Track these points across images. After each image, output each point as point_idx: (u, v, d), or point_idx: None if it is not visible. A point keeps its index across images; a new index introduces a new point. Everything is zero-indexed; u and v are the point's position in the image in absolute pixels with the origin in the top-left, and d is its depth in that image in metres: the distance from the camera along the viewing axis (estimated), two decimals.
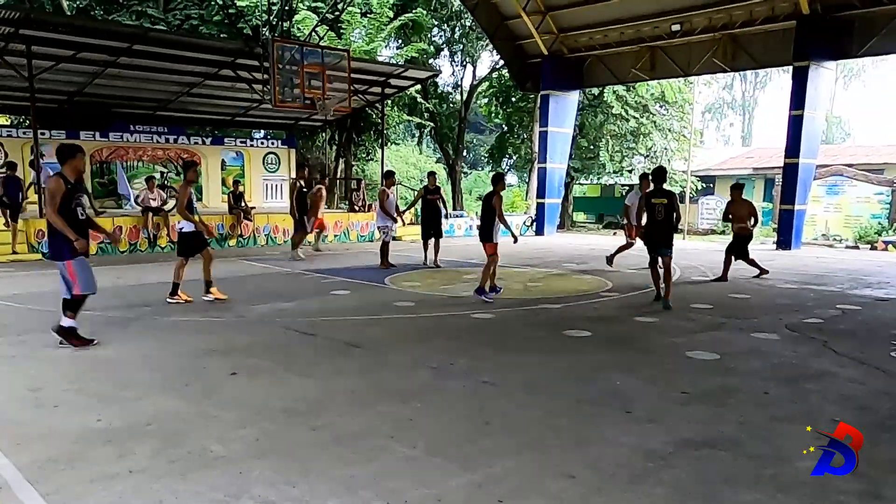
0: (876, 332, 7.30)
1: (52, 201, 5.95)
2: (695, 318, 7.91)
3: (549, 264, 13.10)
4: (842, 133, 50.85)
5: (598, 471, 3.59)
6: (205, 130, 23.97)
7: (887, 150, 25.22)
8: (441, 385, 5.21)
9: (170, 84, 17.91)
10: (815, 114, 17.06)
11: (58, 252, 6.12)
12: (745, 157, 30.16)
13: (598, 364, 5.90)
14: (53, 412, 4.46)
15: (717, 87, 54.77)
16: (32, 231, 13.25)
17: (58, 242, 6.08)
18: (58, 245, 6.10)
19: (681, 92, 25.03)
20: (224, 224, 16.24)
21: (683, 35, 18.95)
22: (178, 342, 6.50)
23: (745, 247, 11.34)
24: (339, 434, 4.10)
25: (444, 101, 33.31)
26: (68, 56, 14.31)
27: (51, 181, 6.13)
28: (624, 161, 25.87)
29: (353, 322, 7.57)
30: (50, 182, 6.12)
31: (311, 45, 15.98)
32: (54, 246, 6.16)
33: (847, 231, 19.82)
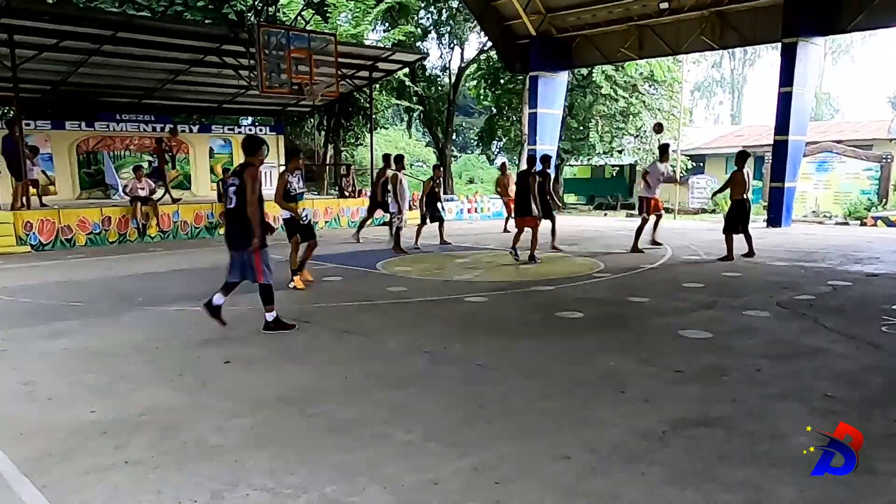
0: (866, 307, 7.35)
1: (255, 191, 6.12)
2: (687, 298, 7.95)
3: (540, 246, 13.09)
4: (830, 110, 50.92)
5: (594, 452, 3.61)
6: (192, 118, 23.75)
7: (876, 126, 25.25)
8: (436, 370, 5.22)
9: (155, 72, 17.71)
10: (803, 90, 17.07)
11: (247, 241, 6.22)
12: (734, 136, 30.14)
13: (591, 345, 5.92)
14: (47, 405, 4.44)
15: (706, 65, 54.64)
16: (20, 223, 13.14)
17: (248, 232, 6.18)
18: (248, 235, 6.19)
19: (670, 71, 24.97)
20: (213, 212, 16.15)
21: (671, 13, 18.88)
22: (170, 333, 6.48)
23: (746, 217, 11.13)
24: (334, 421, 4.11)
25: (433, 84, 33.13)
26: (52, 45, 14.11)
27: (252, 171, 6.22)
28: (614, 142, 25.84)
29: (346, 308, 7.56)
30: (252, 172, 6.21)
31: (298, 30, 15.85)
32: (243, 235, 6.24)
33: (837, 207, 19.93)
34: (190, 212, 15.87)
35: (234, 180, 6.29)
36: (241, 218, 6.19)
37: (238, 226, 6.28)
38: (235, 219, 6.30)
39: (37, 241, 13.28)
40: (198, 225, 15.86)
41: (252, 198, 6.14)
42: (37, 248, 13.19)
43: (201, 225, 15.91)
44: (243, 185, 6.17)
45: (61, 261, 11.74)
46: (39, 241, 13.31)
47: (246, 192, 6.14)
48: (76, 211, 14.19)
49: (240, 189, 6.20)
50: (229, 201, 6.32)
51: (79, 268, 10.90)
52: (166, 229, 15.26)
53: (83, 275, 10.13)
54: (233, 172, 6.51)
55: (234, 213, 6.29)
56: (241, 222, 6.22)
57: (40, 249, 13.20)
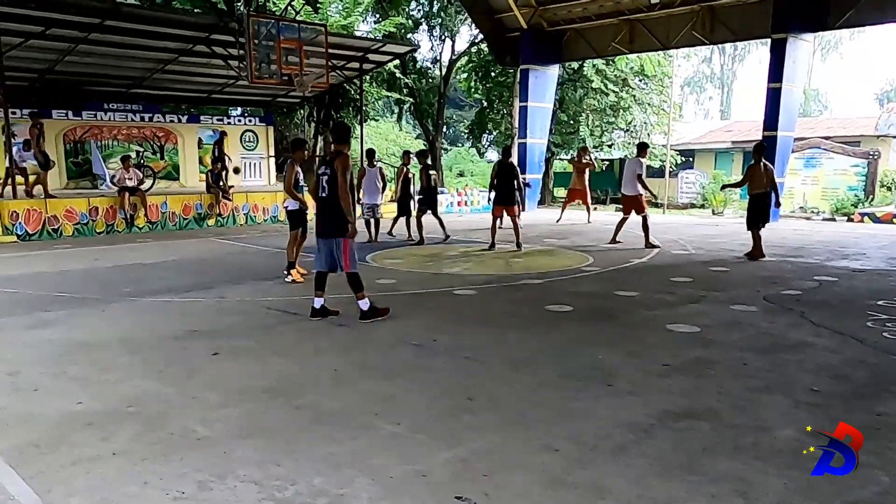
0: (852, 302, 7.42)
1: (346, 179, 6.16)
2: (675, 292, 7.99)
3: (530, 240, 13.11)
4: (819, 106, 51.20)
5: (581, 444, 3.63)
6: (181, 108, 23.56)
7: (863, 123, 25.45)
8: (424, 362, 5.22)
9: (143, 61, 17.53)
10: (792, 86, 17.16)
11: (337, 230, 6.29)
12: (724, 131, 30.29)
13: (579, 338, 5.95)
14: (32, 396, 4.41)
15: (696, 60, 54.97)
16: (6, 213, 13.01)
17: (338, 221, 6.26)
18: (338, 223, 6.27)
19: (660, 65, 24.99)
20: (202, 203, 16.06)
21: (662, 8, 18.90)
22: (157, 324, 6.44)
23: (767, 209, 10.63)
24: (322, 413, 4.11)
25: (424, 76, 33.00)
26: (38, 32, 13.94)
27: (343, 160, 6.23)
28: (604, 136, 25.87)
29: (335, 300, 7.53)
30: (343, 161, 6.22)
31: (288, 20, 15.75)
32: (333, 224, 6.29)
33: (824, 203, 20.05)
34: (178, 203, 15.76)
35: (326, 169, 6.30)
36: (333, 207, 6.23)
37: (328, 215, 6.32)
38: (327, 208, 6.32)
39: (23, 231, 13.15)
40: (186, 216, 15.76)
41: (344, 186, 6.19)
42: (23, 239, 13.06)
43: (190, 216, 15.81)
44: (335, 173, 6.19)
45: (48, 251, 11.65)
46: (26, 231, 13.18)
47: (338, 181, 6.17)
48: (63, 201, 14.05)
49: (332, 178, 6.21)
50: (321, 189, 6.33)
51: (65, 258, 10.81)
52: (154, 220, 15.16)
53: (70, 265, 10.06)
54: (322, 161, 6.51)
55: (326, 202, 6.31)
56: (331, 211, 6.27)
57: (26, 239, 13.08)
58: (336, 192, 6.19)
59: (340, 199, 6.20)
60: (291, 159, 8.77)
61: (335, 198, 6.22)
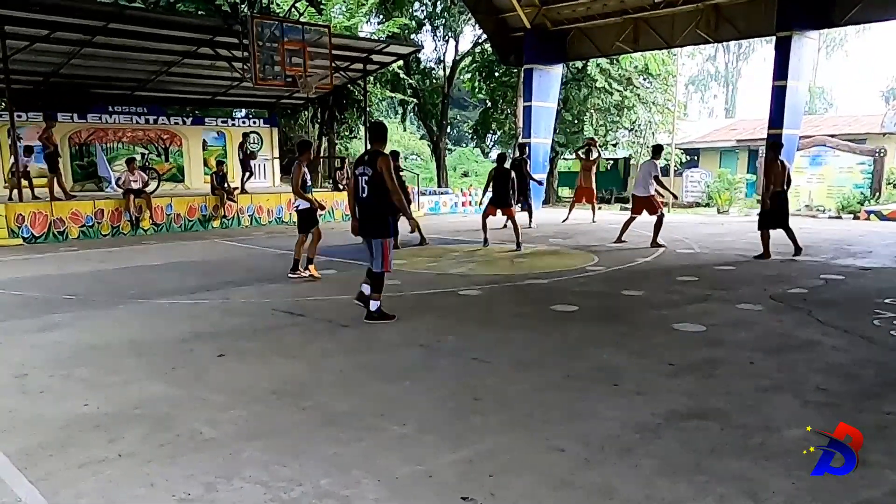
0: (859, 300, 7.38)
1: (393, 178, 6.20)
2: (681, 291, 7.96)
3: (534, 240, 13.10)
4: (824, 103, 51.02)
5: (588, 444, 3.62)
6: (185, 110, 23.62)
7: (869, 120, 25.34)
8: (430, 363, 5.21)
9: (148, 63, 17.57)
10: (797, 84, 17.08)
11: (384, 230, 6.35)
12: (728, 129, 30.20)
13: (585, 338, 5.93)
14: (40, 398, 4.42)
15: (701, 58, 54.79)
16: (12, 216, 13.05)
17: (385, 220, 6.32)
18: (385, 223, 6.36)
19: (664, 64, 24.94)
20: (207, 205, 16.09)
21: (666, 6, 18.83)
22: (163, 326, 6.45)
23: (786, 211, 10.33)
24: (328, 414, 4.10)
25: (427, 76, 33.03)
26: (43, 36, 13.97)
27: (386, 159, 6.26)
28: (608, 135, 25.83)
29: (340, 301, 7.53)
30: (386, 160, 6.26)
31: (291, 22, 15.77)
32: (381, 223, 6.33)
33: (830, 201, 19.95)
34: (183, 204, 15.80)
35: (365, 169, 6.28)
36: (373, 207, 6.27)
37: (369, 215, 6.34)
38: (367, 208, 6.34)
39: (29, 233, 13.20)
40: (191, 218, 15.81)
41: (394, 185, 6.22)
42: (29, 241, 13.11)
43: (195, 218, 15.86)
44: (378, 174, 6.17)
45: (53, 254, 11.69)
46: (32, 234, 13.24)
47: (384, 181, 6.18)
48: (68, 203, 14.10)
49: (373, 178, 6.21)
50: (361, 191, 6.33)
51: (71, 261, 10.85)
52: (159, 222, 15.20)
53: (76, 268, 10.09)
54: (360, 161, 6.47)
55: (366, 203, 6.32)
56: (372, 211, 6.30)
57: (32, 242, 13.13)
58: (376, 192, 6.21)
59: (393, 197, 6.25)
60: (298, 160, 8.82)
61: (375, 198, 6.24)
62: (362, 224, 6.45)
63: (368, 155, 6.39)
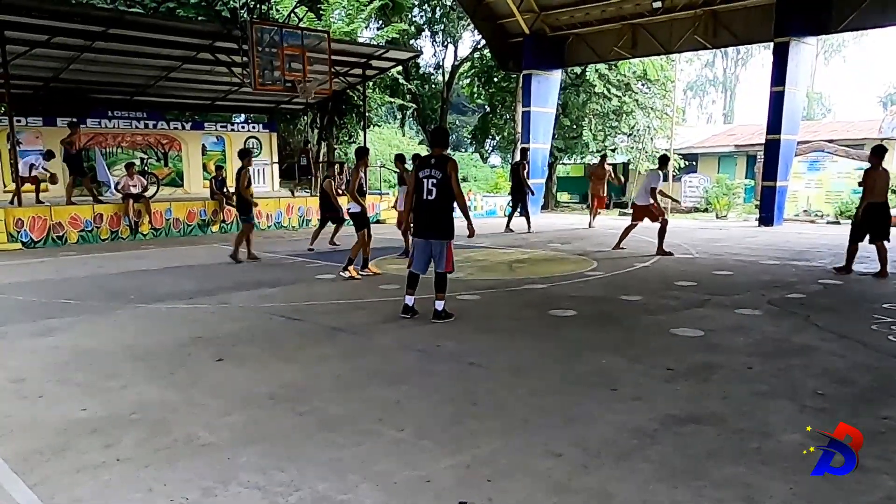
0: (857, 306, 7.40)
1: (459, 183, 6.39)
2: (679, 296, 7.97)
3: (533, 245, 13.11)
4: (822, 109, 51.22)
5: (585, 449, 3.62)
6: (184, 115, 23.65)
7: (867, 126, 25.42)
8: (428, 368, 5.21)
9: (147, 68, 17.62)
10: (795, 90, 17.15)
11: (449, 231, 6.56)
12: (727, 135, 30.25)
13: (583, 343, 5.94)
14: (37, 403, 4.41)
15: (699, 64, 54.92)
16: (11, 220, 13.05)
17: (450, 222, 6.54)
18: (450, 225, 6.55)
19: (663, 70, 25.02)
20: (206, 210, 16.10)
21: (664, 12, 18.91)
22: (162, 330, 6.45)
23: (887, 222, 9.24)
24: (326, 418, 4.10)
25: (426, 82, 33.14)
26: (42, 41, 14.02)
27: (454, 163, 6.49)
28: (607, 140, 25.88)
29: (338, 306, 7.55)
30: (454, 164, 6.46)
31: (291, 27, 15.80)
32: (447, 225, 6.54)
33: (828, 207, 20.01)
34: (182, 209, 15.80)
35: (433, 172, 6.38)
36: (439, 209, 6.40)
37: (435, 217, 6.46)
38: (433, 210, 6.44)
39: (28, 238, 13.20)
40: (190, 222, 15.81)
41: (459, 189, 6.41)
42: (28, 246, 13.11)
43: (194, 222, 15.86)
44: (446, 177, 6.31)
45: (52, 258, 11.68)
46: (31, 239, 13.23)
47: (451, 184, 6.33)
48: (68, 208, 14.10)
49: (441, 181, 6.32)
50: (428, 192, 6.42)
51: (70, 265, 10.84)
52: (158, 227, 15.20)
53: (74, 272, 10.08)
54: (424, 164, 6.54)
55: (433, 205, 6.43)
56: (438, 213, 6.43)
57: (31, 247, 13.13)
58: (443, 195, 6.35)
59: (457, 201, 6.43)
60: (356, 165, 9.47)
61: (442, 200, 6.37)
62: (426, 225, 6.57)
63: (434, 159, 6.47)
